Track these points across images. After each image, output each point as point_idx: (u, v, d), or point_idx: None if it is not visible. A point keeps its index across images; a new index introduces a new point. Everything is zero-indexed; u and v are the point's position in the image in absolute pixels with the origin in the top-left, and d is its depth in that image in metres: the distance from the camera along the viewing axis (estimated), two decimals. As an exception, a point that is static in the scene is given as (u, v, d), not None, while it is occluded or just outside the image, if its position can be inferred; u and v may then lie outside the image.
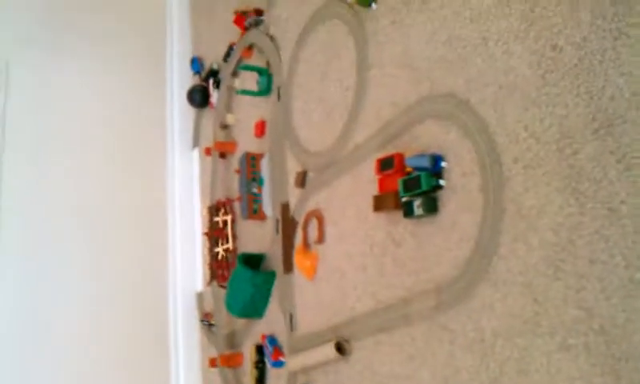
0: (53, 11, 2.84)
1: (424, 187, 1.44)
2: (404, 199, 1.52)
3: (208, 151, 2.68)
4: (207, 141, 2.77)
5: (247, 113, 2.46)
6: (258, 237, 2.31)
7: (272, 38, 2.29)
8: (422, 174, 1.44)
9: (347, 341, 1.74)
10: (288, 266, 2.06)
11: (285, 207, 2.11)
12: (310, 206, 1.97)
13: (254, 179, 2.27)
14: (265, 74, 2.29)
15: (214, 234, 2.53)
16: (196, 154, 2.93)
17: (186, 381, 2.67)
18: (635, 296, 1.03)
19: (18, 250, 2.51)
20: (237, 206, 2.43)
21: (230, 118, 2.56)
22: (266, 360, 2.14)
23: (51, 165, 2.66)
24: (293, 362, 1.94)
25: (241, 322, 2.35)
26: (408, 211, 1.50)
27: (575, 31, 1.16)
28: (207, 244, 2.61)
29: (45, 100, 2.72)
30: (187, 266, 2.81)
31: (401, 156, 1.55)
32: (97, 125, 2.81)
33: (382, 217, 1.65)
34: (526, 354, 1.22)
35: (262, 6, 2.37)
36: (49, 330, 2.49)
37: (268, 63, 2.31)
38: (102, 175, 2.76)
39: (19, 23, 2.75)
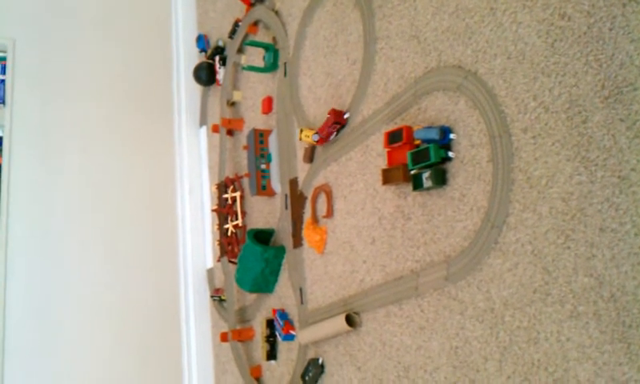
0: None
1: (433, 159, 1.44)
2: (413, 172, 1.52)
3: (216, 128, 2.68)
4: (214, 118, 2.77)
5: (254, 89, 2.45)
6: (267, 213, 2.32)
7: (278, 14, 2.28)
8: (431, 146, 1.44)
9: (357, 313, 1.76)
10: (297, 241, 2.07)
11: (293, 182, 2.11)
12: (319, 180, 1.98)
13: (262, 155, 2.28)
14: (271, 49, 2.28)
15: (223, 211, 2.54)
16: (204, 131, 2.93)
17: (198, 356, 2.69)
18: (645, 263, 1.04)
19: (30, 229, 2.53)
20: (245, 182, 2.44)
21: (236, 95, 2.55)
22: (277, 334, 2.16)
23: (59, 144, 2.67)
24: (303, 336, 1.95)
25: (251, 297, 2.37)
26: (417, 184, 1.50)
27: (584, -2, 1.15)
28: (217, 221, 2.62)
29: (51, 79, 2.72)
30: (197, 242, 2.82)
31: (409, 129, 1.54)
32: (103, 104, 2.81)
33: (390, 190, 1.65)
34: (536, 322, 1.23)
35: (267, -20, 2.36)
36: (61, 309, 2.51)
37: (274, 39, 2.30)
38: (110, 155, 2.77)
39: (25, 2, 2.74)
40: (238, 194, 2.47)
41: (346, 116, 1.84)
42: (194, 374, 2.68)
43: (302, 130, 1.97)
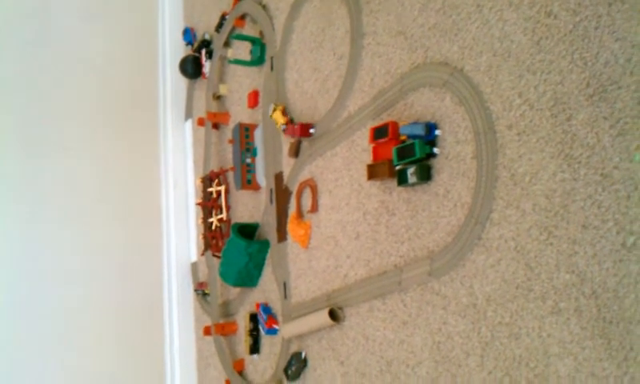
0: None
1: (418, 155, 1.44)
2: (398, 167, 1.52)
3: (201, 122, 2.66)
4: (200, 112, 2.76)
5: (240, 83, 2.44)
6: (251, 207, 2.31)
7: (265, 7, 2.27)
8: (416, 141, 1.45)
9: (341, 308, 1.76)
10: (282, 235, 2.07)
11: (278, 177, 2.11)
12: (304, 175, 1.97)
13: (247, 149, 2.27)
14: (258, 43, 2.27)
15: (208, 205, 2.53)
16: (189, 125, 2.92)
17: (181, 350, 2.68)
18: (627, 261, 1.05)
19: (12, 222, 2.50)
20: (230, 176, 2.43)
21: (222, 89, 2.54)
22: (260, 328, 2.15)
23: (40, 138, 2.63)
24: (287, 330, 1.95)
25: (235, 291, 2.37)
26: (402, 179, 1.51)
27: (570, -3, 1.16)
28: (201, 214, 2.61)
29: (32, 71, 2.68)
30: (181, 236, 2.81)
31: (395, 124, 1.55)
32: (87, 96, 2.78)
33: (375, 185, 1.65)
34: (518, 318, 1.24)
35: (254, -26, 2.35)
36: (43, 303, 2.49)
37: (261, 33, 2.29)
38: (93, 148, 2.74)
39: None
40: (222, 188, 2.46)
41: (311, 130, 1.92)
42: (177, 367, 2.67)
43: (275, 109, 2.01)
